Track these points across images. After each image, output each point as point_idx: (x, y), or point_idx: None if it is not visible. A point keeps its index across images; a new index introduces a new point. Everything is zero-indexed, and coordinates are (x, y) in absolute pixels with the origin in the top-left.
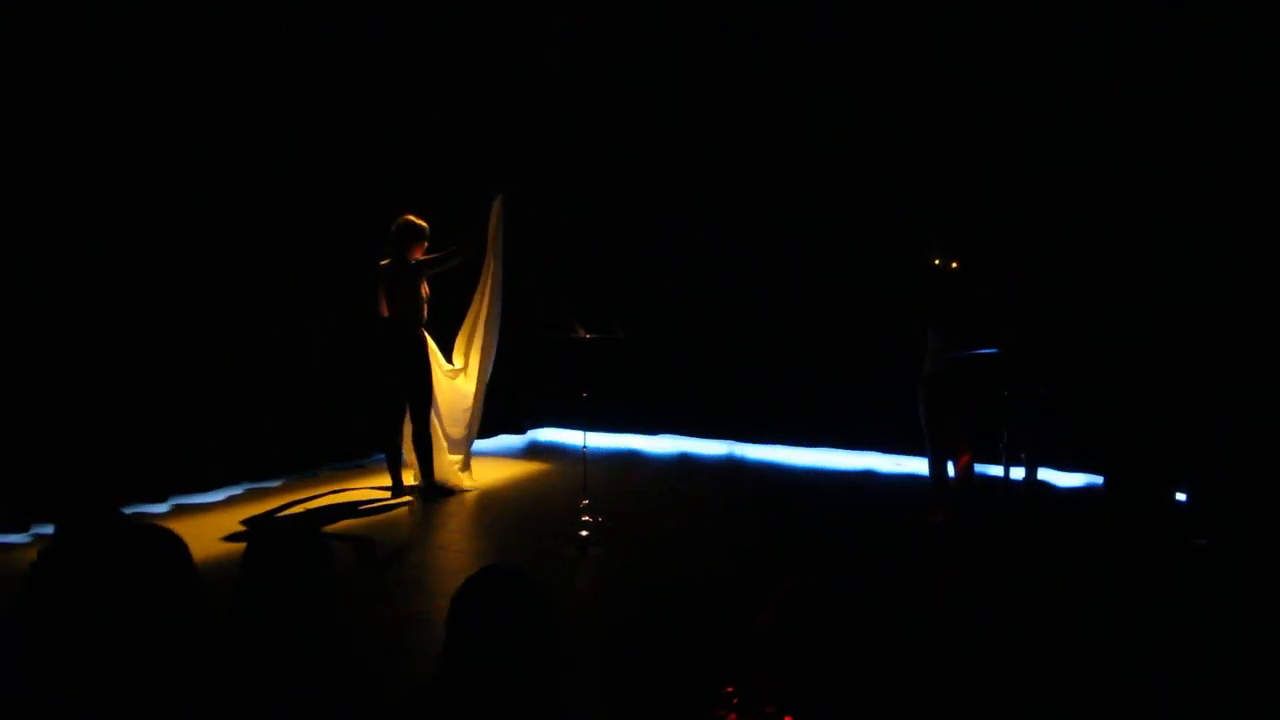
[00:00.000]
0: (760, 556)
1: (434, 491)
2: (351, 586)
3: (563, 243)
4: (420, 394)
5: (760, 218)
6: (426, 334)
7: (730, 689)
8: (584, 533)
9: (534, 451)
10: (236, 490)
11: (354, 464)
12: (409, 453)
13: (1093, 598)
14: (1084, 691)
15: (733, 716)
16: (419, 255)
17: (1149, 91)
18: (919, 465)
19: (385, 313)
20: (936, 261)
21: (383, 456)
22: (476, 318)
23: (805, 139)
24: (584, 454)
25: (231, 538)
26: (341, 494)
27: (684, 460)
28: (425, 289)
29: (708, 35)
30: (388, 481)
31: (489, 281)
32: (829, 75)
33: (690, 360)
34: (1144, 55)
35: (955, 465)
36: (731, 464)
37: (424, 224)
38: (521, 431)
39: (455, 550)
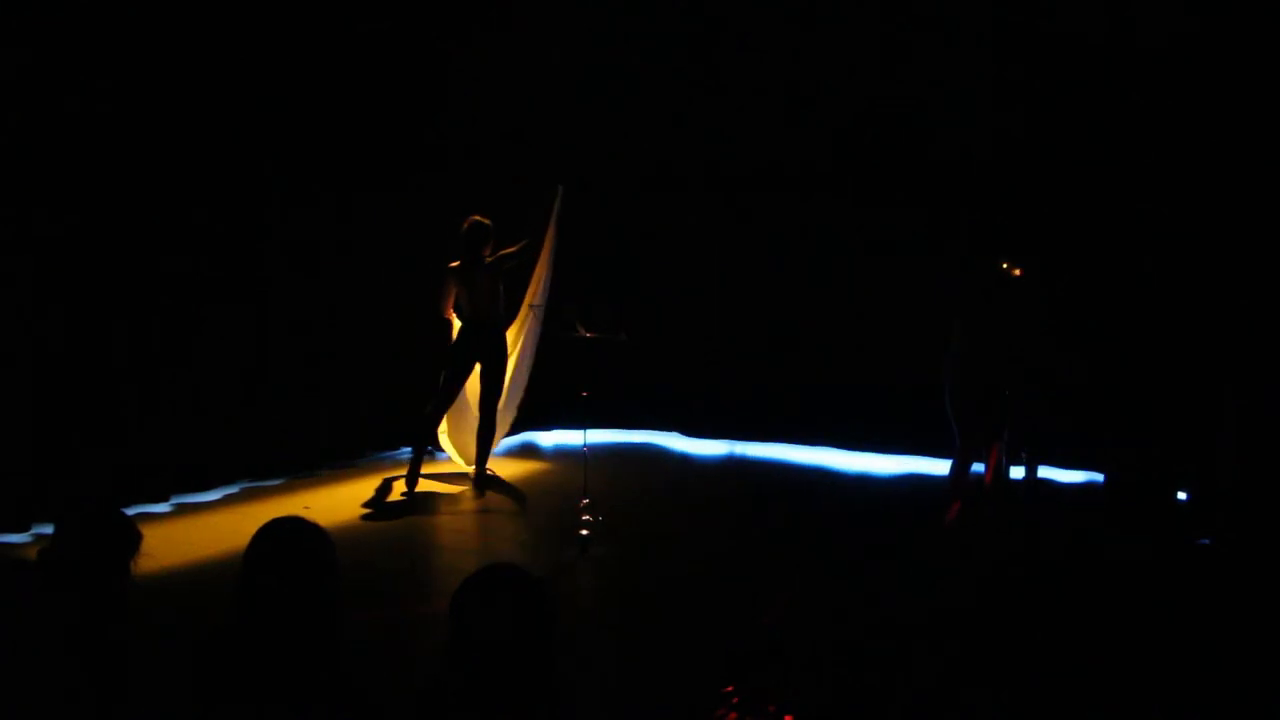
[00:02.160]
0: (762, 556)
1: (486, 482)
2: (351, 586)
3: (566, 242)
4: (497, 390)
5: (763, 219)
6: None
7: (730, 688)
8: (584, 531)
9: (533, 452)
10: (234, 489)
11: (351, 463)
12: (453, 447)
13: (1093, 597)
14: (1084, 691)
15: (733, 716)
16: (488, 254)
17: (1153, 91)
18: (917, 465)
19: (450, 314)
20: (1005, 266)
21: (405, 452)
22: (525, 315)
23: (810, 140)
24: (585, 453)
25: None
26: (341, 493)
27: (686, 460)
28: (500, 286)
29: (707, 34)
30: (379, 480)
31: (542, 275)
32: (830, 76)
33: (691, 359)
34: (1152, 55)
35: (986, 462)
36: (733, 463)
37: (489, 222)
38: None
39: (456, 550)
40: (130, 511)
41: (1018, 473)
